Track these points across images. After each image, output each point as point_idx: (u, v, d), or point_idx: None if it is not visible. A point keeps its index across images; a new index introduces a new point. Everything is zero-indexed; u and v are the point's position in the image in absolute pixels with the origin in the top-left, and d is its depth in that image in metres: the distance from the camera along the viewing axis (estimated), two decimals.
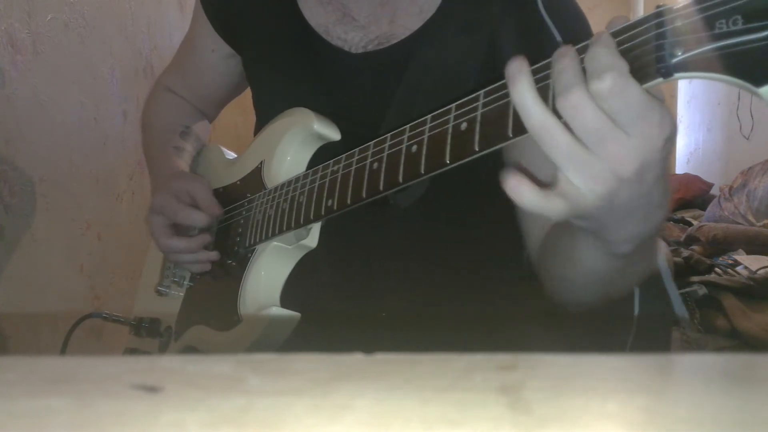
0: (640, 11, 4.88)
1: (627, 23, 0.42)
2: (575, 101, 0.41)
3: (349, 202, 0.63)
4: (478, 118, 0.49)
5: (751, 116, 3.03)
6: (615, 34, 0.42)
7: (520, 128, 0.45)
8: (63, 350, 0.93)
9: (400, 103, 0.75)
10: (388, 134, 0.59)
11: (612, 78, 0.40)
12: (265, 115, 0.85)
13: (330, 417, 0.18)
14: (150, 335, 0.88)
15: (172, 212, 0.79)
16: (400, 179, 0.57)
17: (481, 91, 0.50)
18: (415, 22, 0.76)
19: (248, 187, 0.81)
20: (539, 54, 0.66)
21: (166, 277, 0.90)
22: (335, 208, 0.64)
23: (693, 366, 0.23)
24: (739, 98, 3.16)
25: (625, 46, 0.42)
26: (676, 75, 0.40)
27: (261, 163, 0.80)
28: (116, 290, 1.56)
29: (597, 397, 0.19)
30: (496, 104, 0.49)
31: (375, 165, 0.60)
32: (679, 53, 0.39)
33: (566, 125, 0.43)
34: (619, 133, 0.41)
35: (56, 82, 1.35)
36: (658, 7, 0.41)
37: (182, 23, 2.00)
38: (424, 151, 0.54)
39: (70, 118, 1.41)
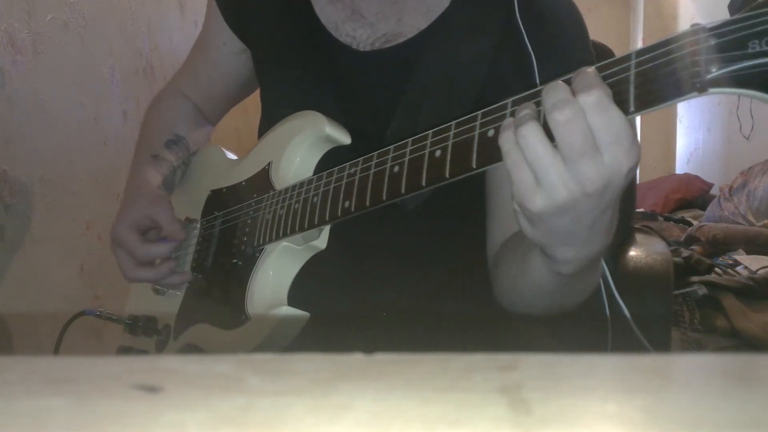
0: (640, 11, 4.88)
1: (663, 39, 0.44)
2: (570, 115, 0.44)
3: (368, 204, 0.63)
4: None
5: (751, 116, 3.03)
6: (651, 48, 0.44)
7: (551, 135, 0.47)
8: (57, 348, 0.93)
9: (408, 103, 0.75)
10: (409, 139, 0.60)
11: (598, 93, 0.44)
12: (272, 111, 0.86)
13: (330, 417, 0.18)
14: (146, 334, 0.87)
15: (129, 249, 0.81)
16: (424, 183, 0.57)
17: (509, 100, 0.51)
18: (422, 22, 0.77)
19: (255, 188, 0.81)
20: (514, 63, 0.68)
21: None
22: (353, 209, 0.64)
23: (693, 366, 0.23)
24: (739, 98, 3.16)
25: (663, 60, 0.44)
26: (711, 90, 0.42)
27: (269, 164, 0.79)
28: (116, 290, 1.56)
29: (597, 397, 0.19)
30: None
31: (396, 168, 0.60)
32: (714, 70, 0.41)
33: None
34: (596, 151, 0.45)
35: (56, 82, 1.35)
36: (692, 25, 0.43)
37: (182, 23, 2.00)
38: (449, 156, 0.55)
39: (70, 118, 1.41)
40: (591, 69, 0.46)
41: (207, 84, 0.96)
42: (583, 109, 0.44)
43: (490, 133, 0.52)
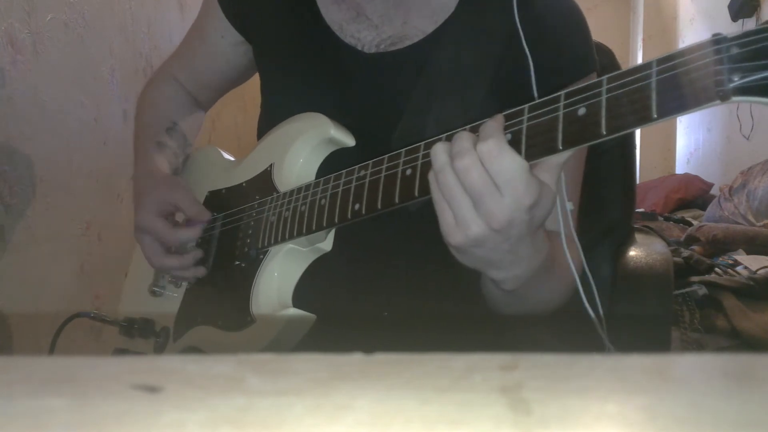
0: (640, 11, 4.88)
1: (687, 47, 0.45)
2: (467, 163, 0.51)
3: (379, 206, 0.63)
4: (524, 131, 0.53)
5: (751, 116, 3.03)
6: (674, 56, 0.45)
7: (570, 140, 0.50)
8: (51, 350, 0.92)
9: (416, 106, 0.75)
10: (422, 143, 0.60)
11: (492, 142, 0.51)
12: (274, 109, 0.85)
13: (330, 417, 0.18)
14: (143, 336, 0.86)
15: (160, 235, 0.80)
16: None
17: (526, 106, 0.53)
18: (428, 25, 0.77)
19: (257, 189, 0.80)
20: (518, 65, 0.68)
21: (162, 278, 0.89)
22: (363, 212, 0.64)
23: (693, 366, 0.23)
24: None
25: (686, 68, 0.44)
26: (734, 98, 0.42)
27: (271, 165, 0.79)
28: (116, 290, 1.56)
29: (597, 397, 0.19)
30: (540, 119, 0.52)
31: (409, 171, 0.60)
32: (736, 79, 0.42)
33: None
34: (496, 192, 0.51)
35: (56, 82, 1.35)
36: (714, 35, 0.44)
37: (182, 23, 2.00)
38: None
39: (70, 118, 1.41)
40: (497, 117, 0.53)
41: (203, 73, 0.96)
42: (480, 156, 0.51)
43: (508, 137, 0.53)
